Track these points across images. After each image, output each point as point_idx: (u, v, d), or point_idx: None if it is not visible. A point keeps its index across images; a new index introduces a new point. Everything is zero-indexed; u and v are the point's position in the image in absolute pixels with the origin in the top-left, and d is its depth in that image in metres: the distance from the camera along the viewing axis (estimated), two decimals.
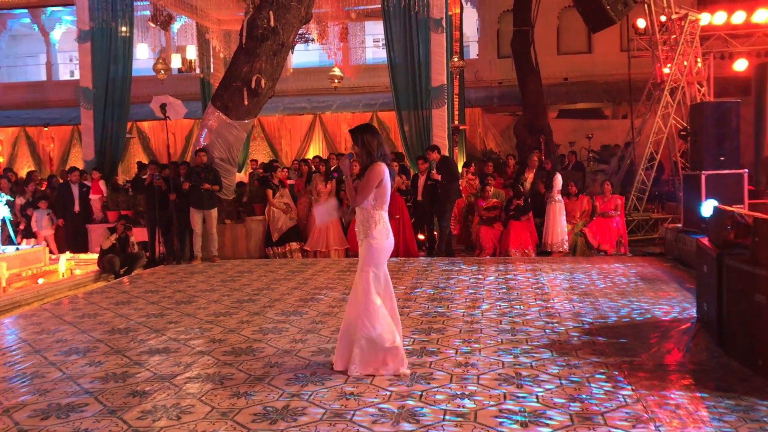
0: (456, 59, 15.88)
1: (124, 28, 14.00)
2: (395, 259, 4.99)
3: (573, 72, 21.31)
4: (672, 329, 6.20)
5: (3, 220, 10.55)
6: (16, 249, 10.41)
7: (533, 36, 16.02)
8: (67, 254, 11.30)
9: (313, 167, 12.69)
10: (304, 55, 22.63)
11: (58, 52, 25.07)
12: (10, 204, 11.00)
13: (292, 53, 15.07)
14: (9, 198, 10.97)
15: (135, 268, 10.69)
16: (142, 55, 15.58)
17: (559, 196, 11.28)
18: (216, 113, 11.84)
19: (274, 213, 11.79)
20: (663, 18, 14.18)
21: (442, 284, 8.65)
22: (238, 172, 13.89)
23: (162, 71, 16.17)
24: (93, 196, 13.10)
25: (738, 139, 10.10)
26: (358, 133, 5.10)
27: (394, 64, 13.06)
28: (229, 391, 4.74)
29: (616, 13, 12.35)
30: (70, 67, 25.95)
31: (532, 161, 12.16)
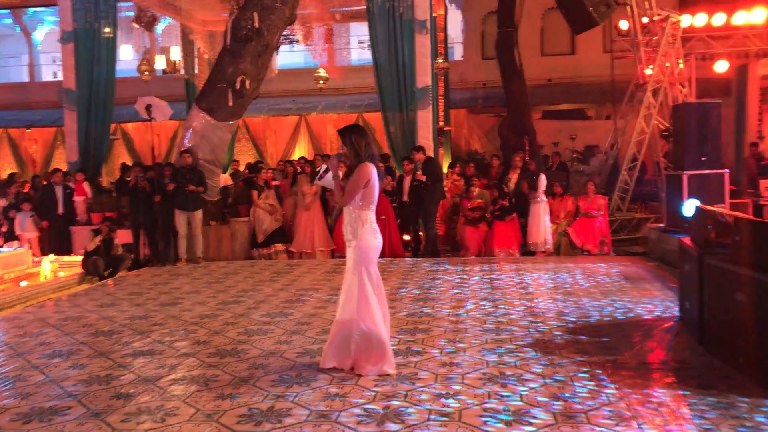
0: (441, 60, 15.93)
1: (107, 29, 13.91)
2: (381, 260, 5.02)
3: (556, 73, 21.41)
4: (655, 328, 6.26)
5: None
6: None
7: (517, 37, 16.11)
8: (51, 256, 11.22)
9: (298, 168, 12.68)
10: (289, 56, 22.57)
11: (41, 53, 24.85)
12: None
13: (277, 54, 15.07)
14: None
15: (119, 270, 10.63)
16: (126, 56, 15.48)
17: (543, 196, 11.35)
18: (200, 114, 11.80)
19: (259, 214, 11.77)
20: (645, 20, 14.31)
21: (428, 284, 8.67)
22: (222, 173, 13.85)
23: (146, 72, 16.07)
24: (77, 198, 13.01)
25: (719, 140, 10.21)
26: (346, 133, 5.11)
27: (379, 66, 13.08)
28: (214, 392, 4.73)
29: (598, 15, 12.45)
30: (53, 68, 25.73)
31: (515, 162, 12.22)
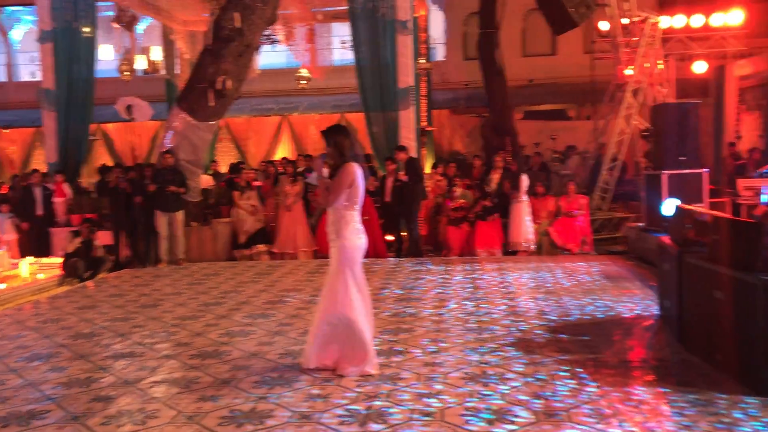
0: (423, 61, 15.96)
1: (86, 29, 13.75)
2: (364, 260, 5.03)
3: (538, 74, 21.52)
4: (635, 326, 6.32)
5: None
6: None
7: (499, 38, 16.16)
8: (30, 258, 11.09)
9: (280, 169, 12.63)
10: (271, 57, 22.49)
11: (19, 52, 24.56)
12: None
13: (258, 54, 14.99)
14: None
15: (100, 271, 10.54)
16: (106, 56, 15.33)
17: (525, 196, 11.41)
18: (181, 115, 11.73)
19: (240, 215, 11.72)
20: (625, 21, 14.44)
21: (411, 284, 8.70)
22: (204, 174, 13.76)
23: (126, 72, 15.94)
24: (57, 199, 12.86)
25: (698, 140, 10.31)
26: (330, 134, 5.10)
27: (361, 66, 13.07)
28: (196, 394, 4.71)
29: (578, 16, 12.51)
30: (31, 68, 25.42)
31: (496, 162, 12.27)
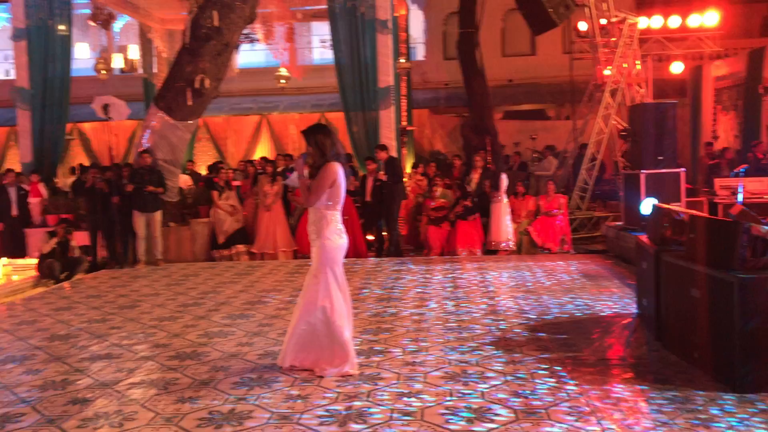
0: (403, 60, 15.96)
1: (62, 27, 13.58)
2: (344, 260, 5.03)
3: (517, 74, 21.62)
4: (613, 324, 6.36)
5: None
6: None
7: (478, 38, 16.21)
8: (4, 260, 10.93)
9: (259, 168, 12.56)
10: (250, 55, 22.38)
11: None
12: None
13: (237, 53, 14.92)
14: None
15: (76, 272, 10.42)
16: (82, 55, 15.15)
17: (505, 195, 11.44)
18: (159, 114, 11.62)
19: (219, 215, 11.62)
20: (603, 21, 14.55)
21: (391, 284, 8.69)
22: (182, 173, 13.66)
23: (103, 71, 15.78)
24: (32, 199, 12.70)
25: (675, 139, 10.41)
26: (311, 133, 5.07)
27: (340, 65, 13.04)
28: (174, 396, 4.66)
29: (557, 16, 12.59)
30: (5, 66, 25.07)
31: (476, 162, 12.31)
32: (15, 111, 13.86)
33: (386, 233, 11.71)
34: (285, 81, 18.25)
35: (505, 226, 11.36)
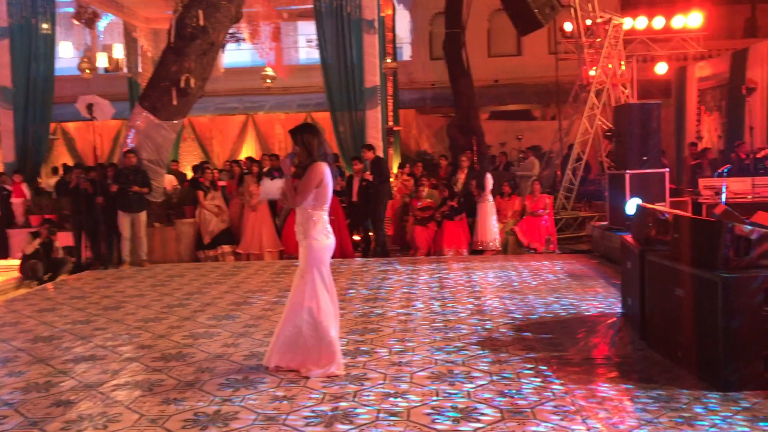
0: (389, 60, 15.96)
1: (45, 25, 13.47)
2: (331, 261, 5.03)
3: (503, 74, 21.70)
4: (598, 324, 6.39)
5: None
6: None
7: (465, 38, 16.25)
8: None
9: (245, 168, 12.51)
10: (235, 55, 22.30)
11: None
12: None
13: (223, 53, 14.85)
14: None
15: (60, 273, 10.33)
16: (66, 54, 15.01)
17: (490, 195, 11.47)
18: (144, 113, 11.55)
19: (205, 215, 11.57)
20: (588, 22, 14.63)
21: (377, 285, 8.69)
22: (167, 174, 13.57)
23: (87, 70, 15.66)
24: (15, 199, 12.58)
25: (660, 140, 10.48)
26: (298, 133, 5.05)
27: (327, 65, 13.03)
28: (159, 397, 4.63)
29: (543, 17, 12.64)
30: None
31: (462, 162, 12.34)
32: None
33: (372, 233, 11.70)
34: (271, 81, 18.20)
35: (490, 226, 11.39)
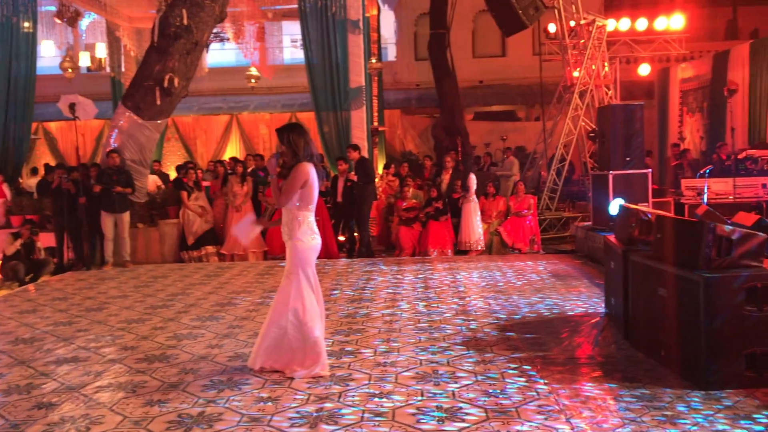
0: (374, 61, 15.96)
1: (26, 24, 13.32)
2: (316, 261, 5.04)
3: (488, 75, 21.77)
4: (582, 323, 6.42)
5: None
6: None
7: (449, 39, 16.29)
8: None
9: (229, 169, 12.46)
10: (219, 55, 22.22)
11: None
12: None
13: (207, 52, 14.78)
14: None
15: (41, 274, 10.23)
16: (48, 53, 14.86)
17: (474, 196, 11.50)
18: (127, 113, 11.47)
19: (189, 216, 11.50)
20: (572, 23, 14.70)
21: (363, 285, 8.68)
22: (150, 174, 13.48)
23: (69, 70, 15.51)
24: None
25: (643, 141, 10.56)
26: (284, 132, 5.03)
27: (312, 65, 13.00)
28: (142, 399, 4.60)
29: (527, 18, 12.69)
30: None
31: (446, 162, 12.37)
32: None
33: (357, 234, 11.69)
34: (255, 81, 18.14)
35: (475, 226, 11.42)
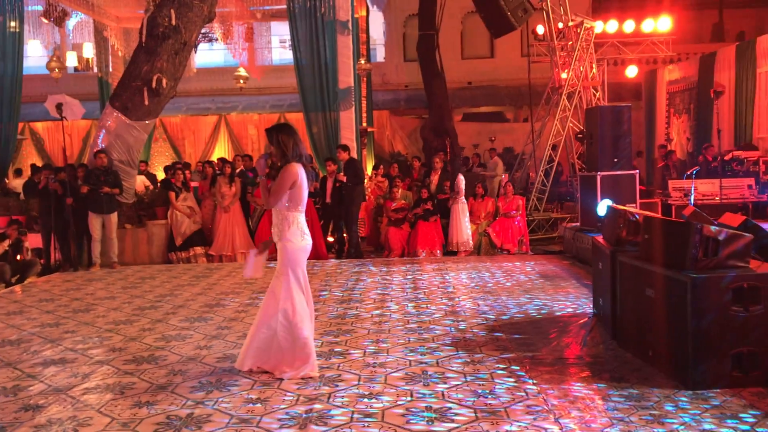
0: (363, 62, 15.95)
1: (13, 23, 13.22)
2: (306, 262, 5.06)
3: (476, 76, 21.83)
4: (570, 324, 6.45)
5: None
6: None
7: (438, 40, 16.32)
8: None
9: (217, 169, 12.42)
10: (208, 55, 22.14)
11: None
12: None
13: (195, 53, 14.72)
14: None
15: (28, 276, 10.16)
16: (35, 52, 14.76)
17: (463, 197, 11.53)
18: (114, 113, 11.40)
19: (177, 217, 11.45)
20: (560, 25, 14.77)
21: (352, 286, 8.68)
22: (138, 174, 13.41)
23: (56, 70, 15.41)
24: None
25: (630, 142, 10.62)
26: (274, 133, 5.02)
27: (300, 66, 12.99)
28: (131, 401, 4.58)
29: (516, 19, 12.74)
30: None
31: (435, 163, 12.39)
32: None
33: (346, 235, 11.69)
34: (244, 81, 18.08)
35: (463, 227, 11.45)
